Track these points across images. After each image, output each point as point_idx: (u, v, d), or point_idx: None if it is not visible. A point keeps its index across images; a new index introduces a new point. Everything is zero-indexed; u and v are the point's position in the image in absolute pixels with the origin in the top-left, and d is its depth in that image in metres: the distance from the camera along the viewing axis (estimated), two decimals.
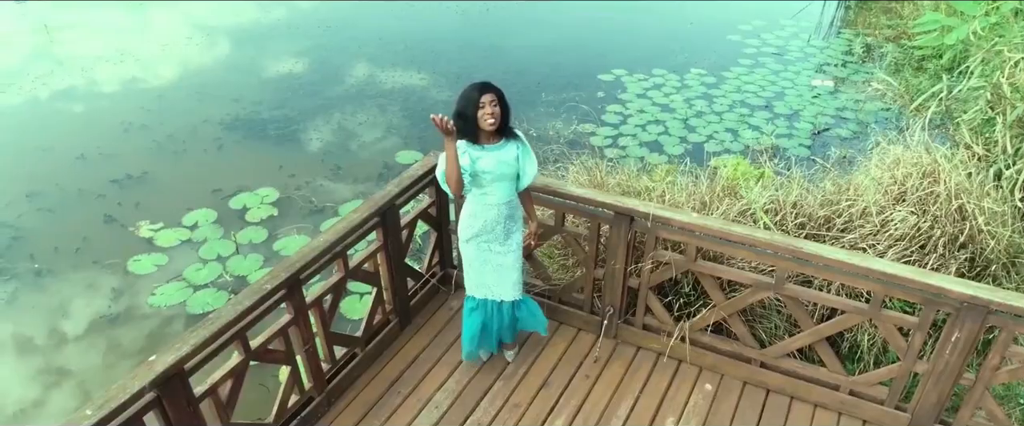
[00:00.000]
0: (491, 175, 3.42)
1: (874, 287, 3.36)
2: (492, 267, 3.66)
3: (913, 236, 4.04)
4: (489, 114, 3.30)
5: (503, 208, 3.51)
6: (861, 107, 8.41)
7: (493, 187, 3.47)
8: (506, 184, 3.48)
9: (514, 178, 3.50)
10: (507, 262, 3.64)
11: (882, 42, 10.34)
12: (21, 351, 5.15)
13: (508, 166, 3.44)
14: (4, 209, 6.54)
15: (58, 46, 10.30)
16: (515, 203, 3.58)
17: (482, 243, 3.60)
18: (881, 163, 4.55)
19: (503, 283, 3.69)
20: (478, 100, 3.29)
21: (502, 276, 3.67)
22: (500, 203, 3.50)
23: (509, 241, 3.60)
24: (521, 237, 3.68)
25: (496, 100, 3.33)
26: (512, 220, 3.58)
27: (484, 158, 3.40)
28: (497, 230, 3.55)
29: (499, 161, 3.41)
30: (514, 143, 3.45)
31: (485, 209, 3.52)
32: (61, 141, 7.70)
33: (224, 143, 7.73)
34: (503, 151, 3.42)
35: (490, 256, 3.63)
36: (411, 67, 9.59)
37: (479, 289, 3.76)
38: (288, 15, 11.81)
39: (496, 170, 3.42)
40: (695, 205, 4.48)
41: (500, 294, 3.73)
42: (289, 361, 3.47)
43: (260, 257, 5.92)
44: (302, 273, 3.35)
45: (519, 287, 3.74)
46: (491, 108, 3.30)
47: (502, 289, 3.72)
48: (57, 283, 5.72)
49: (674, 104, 8.54)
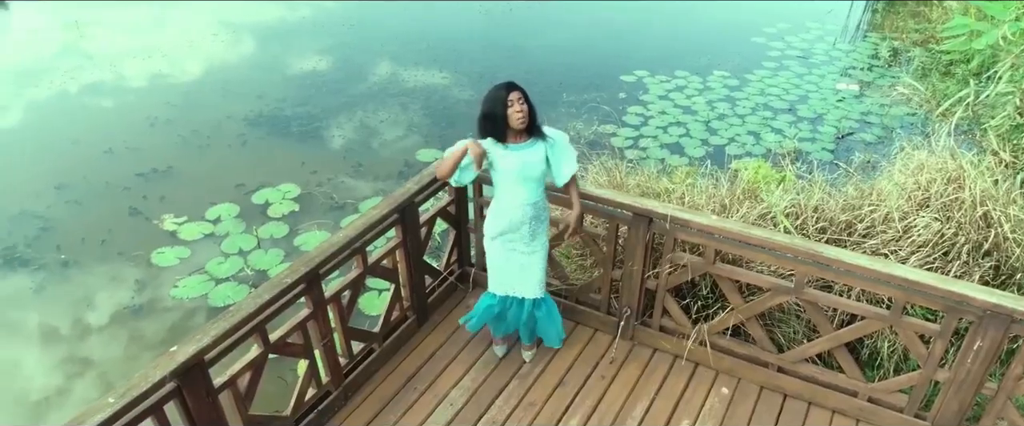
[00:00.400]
0: (515, 175, 3.43)
1: (895, 293, 3.32)
2: (516, 266, 3.67)
3: (936, 243, 3.99)
4: (518, 111, 3.30)
5: (528, 208, 3.51)
6: (886, 112, 8.31)
7: (518, 187, 3.47)
8: (532, 184, 3.48)
9: (540, 179, 3.49)
10: (531, 262, 3.65)
11: (909, 46, 10.19)
12: (46, 340, 5.25)
13: (533, 167, 3.43)
14: (34, 200, 6.67)
15: (88, 41, 10.48)
16: (541, 204, 3.57)
17: (507, 242, 3.61)
18: (905, 168, 4.49)
19: (526, 281, 3.70)
20: (506, 98, 3.30)
21: (525, 275, 3.69)
22: (525, 203, 3.50)
23: (534, 242, 3.61)
24: (547, 237, 3.68)
25: (523, 98, 3.33)
26: (538, 220, 3.57)
27: (508, 158, 3.40)
28: (523, 230, 3.55)
29: (524, 162, 3.41)
30: (542, 143, 3.44)
31: (510, 209, 3.52)
32: (89, 134, 7.85)
33: (248, 139, 7.82)
34: (529, 151, 3.42)
35: (514, 255, 3.64)
36: (433, 66, 9.64)
37: (500, 286, 3.77)
38: (313, 13, 11.92)
39: (520, 171, 3.42)
40: (715, 208, 4.46)
41: (522, 291, 3.75)
42: (307, 355, 3.51)
43: (281, 252, 5.99)
44: (321, 268, 3.39)
45: (542, 286, 3.75)
46: (519, 106, 3.30)
47: (524, 287, 3.73)
48: (82, 274, 5.83)
49: (696, 106, 8.49)
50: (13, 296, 5.63)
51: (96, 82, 9.17)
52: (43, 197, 6.73)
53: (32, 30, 11.04)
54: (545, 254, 3.69)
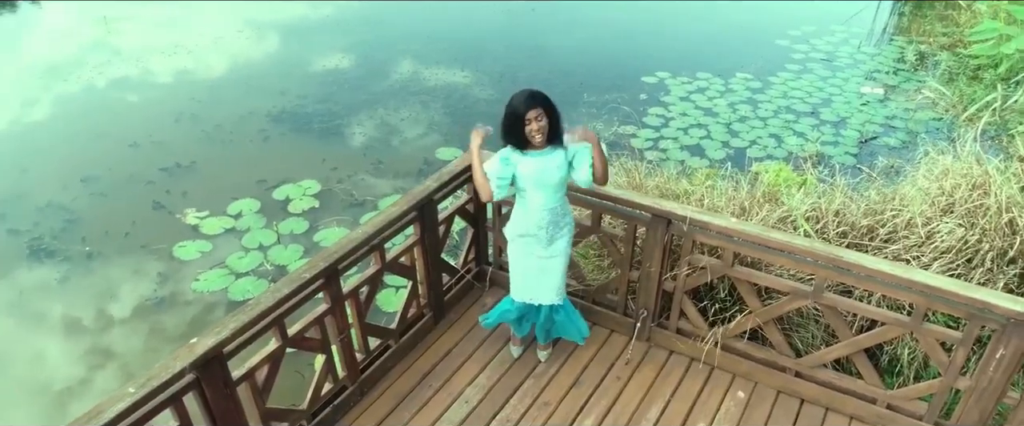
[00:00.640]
0: (532, 181, 3.44)
1: (916, 299, 3.28)
2: (535, 269, 3.67)
3: (960, 249, 3.93)
4: (536, 130, 3.32)
5: (545, 213, 3.51)
6: (911, 116, 8.19)
7: (536, 192, 3.48)
8: (549, 191, 3.47)
9: (559, 185, 3.48)
10: (549, 266, 3.65)
11: (936, 50, 10.04)
12: (69, 331, 5.35)
13: (550, 174, 3.43)
14: (60, 192, 6.79)
15: (116, 37, 10.65)
16: (560, 210, 3.56)
17: (525, 245, 3.63)
18: (929, 173, 4.43)
19: (543, 286, 3.70)
20: (524, 116, 3.30)
21: (544, 279, 3.69)
22: (542, 208, 3.50)
23: (552, 246, 3.60)
24: (568, 244, 3.66)
25: (543, 114, 3.32)
26: (556, 226, 3.56)
27: (526, 164, 3.42)
28: (540, 235, 3.56)
29: (541, 169, 3.42)
30: (562, 150, 3.44)
31: (528, 212, 3.54)
32: (115, 128, 7.98)
33: (270, 135, 7.90)
34: (547, 159, 3.42)
35: (532, 258, 3.65)
36: (455, 65, 9.66)
37: (520, 292, 3.77)
38: (336, 11, 12.00)
39: (536, 177, 3.43)
40: (734, 210, 4.43)
41: (540, 297, 3.74)
42: (324, 350, 3.54)
43: (300, 247, 6.04)
44: (340, 264, 3.42)
45: (561, 293, 3.74)
46: (537, 124, 3.31)
47: (542, 293, 3.72)
48: (106, 266, 5.92)
49: (718, 108, 8.44)
50: (39, 287, 5.73)
51: (123, 77, 9.31)
52: (69, 189, 6.85)
53: (62, 25, 11.24)
54: (565, 261, 3.68)
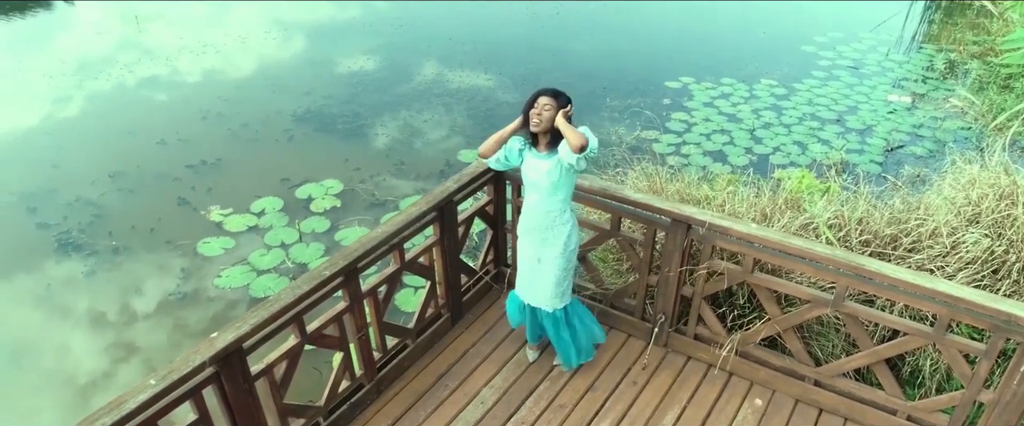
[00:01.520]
0: (527, 179, 3.54)
1: (940, 310, 3.23)
2: (529, 270, 3.72)
3: (986, 260, 3.86)
4: (536, 114, 3.36)
5: (539, 215, 3.55)
6: (939, 125, 8.07)
7: (531, 192, 3.56)
8: (542, 192, 3.50)
9: (552, 190, 3.48)
10: (540, 271, 3.67)
11: (966, 58, 9.89)
12: (95, 325, 5.44)
13: (540, 176, 3.46)
14: (89, 188, 6.93)
15: (146, 36, 10.84)
16: (556, 215, 3.54)
17: (524, 244, 3.71)
18: (956, 183, 4.36)
19: (535, 289, 3.73)
20: (534, 100, 3.39)
21: (534, 282, 3.72)
22: (536, 208, 3.56)
23: (545, 250, 3.62)
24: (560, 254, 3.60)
25: (552, 105, 3.34)
26: (549, 229, 3.56)
27: (528, 162, 3.52)
28: (534, 237, 3.62)
29: (534, 169, 3.48)
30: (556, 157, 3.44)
31: (526, 211, 3.63)
32: (144, 126, 8.11)
33: (294, 134, 7.99)
34: (543, 161, 3.45)
35: (528, 260, 3.71)
36: (478, 68, 9.70)
37: (520, 288, 3.84)
38: (362, 14, 12.12)
39: (533, 176, 3.49)
40: (755, 216, 4.39)
41: (531, 299, 3.78)
42: (342, 347, 3.57)
43: (321, 246, 6.10)
44: (359, 262, 3.45)
45: (553, 302, 3.71)
46: (541, 109, 3.35)
47: (534, 295, 3.75)
48: (131, 261, 6.03)
49: (741, 114, 8.38)
50: (66, 280, 5.85)
51: (153, 76, 9.47)
52: (98, 185, 6.98)
53: (95, 24, 11.47)
54: (557, 272, 3.63)
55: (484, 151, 3.59)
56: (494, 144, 3.55)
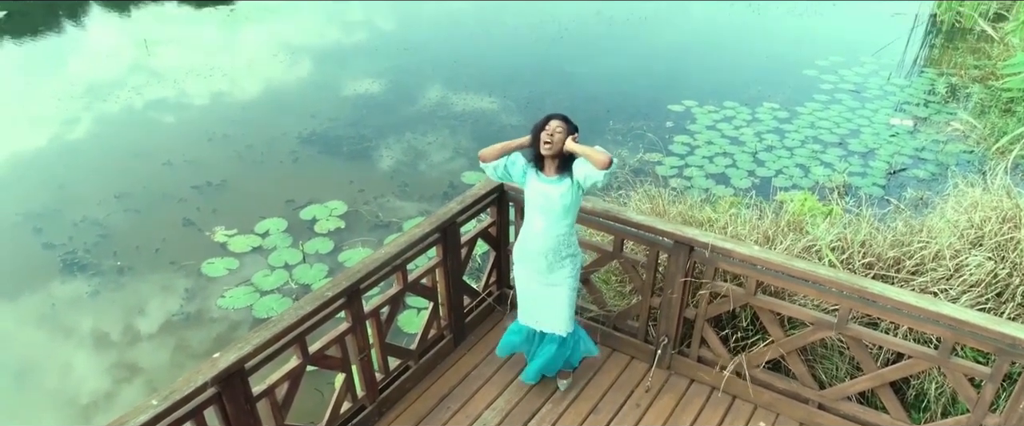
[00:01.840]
0: (535, 204, 3.47)
1: (944, 333, 3.22)
2: (534, 295, 3.68)
3: (989, 283, 3.85)
4: (548, 136, 3.35)
5: (545, 239, 3.50)
6: (941, 148, 8.08)
7: (537, 216, 3.49)
8: (551, 217, 3.46)
9: (561, 214, 3.45)
10: (550, 295, 3.64)
11: (968, 82, 9.93)
12: (98, 345, 5.45)
13: (552, 201, 3.42)
14: (95, 208, 6.97)
15: (155, 59, 10.96)
16: (564, 240, 3.52)
17: (526, 269, 3.65)
18: (958, 205, 4.36)
19: (545, 314, 3.71)
20: (544, 123, 3.37)
21: (546, 307, 3.68)
22: (542, 233, 3.49)
23: (553, 275, 3.58)
24: (570, 274, 3.60)
25: (563, 128, 3.35)
26: (556, 254, 3.53)
27: (534, 185, 3.46)
28: (539, 261, 3.55)
29: (545, 194, 3.43)
30: (569, 180, 3.41)
31: (529, 236, 3.56)
32: (151, 147, 8.18)
33: (299, 156, 8.04)
34: (553, 185, 3.42)
35: (533, 285, 3.66)
36: (483, 91, 9.78)
37: (524, 315, 3.80)
38: (369, 37, 12.26)
39: (541, 202, 3.44)
40: (758, 239, 4.40)
41: (545, 325, 3.75)
42: (344, 368, 3.56)
43: (325, 267, 6.11)
44: (362, 283, 3.46)
45: (565, 323, 3.69)
46: (552, 132, 3.35)
47: (548, 321, 3.72)
48: (136, 281, 6.04)
49: (744, 137, 8.41)
50: (70, 300, 5.86)
51: (160, 98, 9.57)
52: (104, 205, 7.03)
53: (105, 47, 11.61)
54: (569, 293, 3.63)
55: (485, 154, 3.48)
56: (497, 151, 3.46)
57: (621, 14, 13.10)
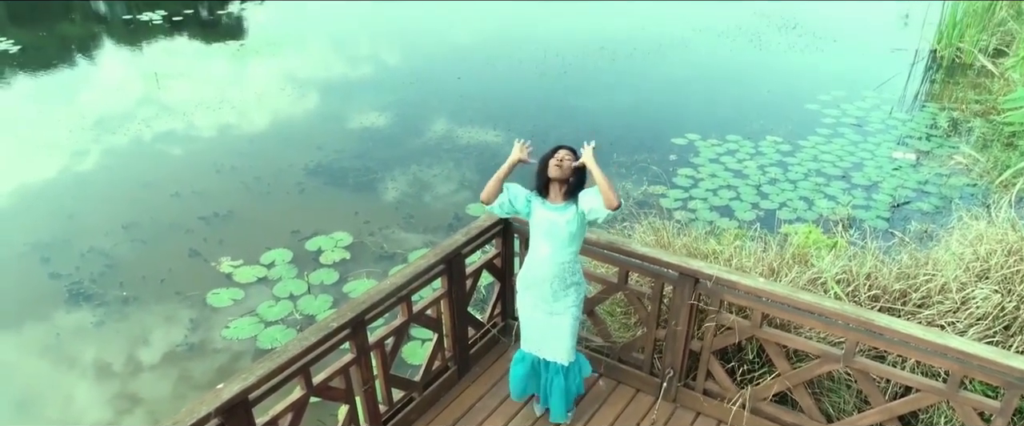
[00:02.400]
0: (541, 231, 3.47)
1: (952, 366, 3.20)
2: (539, 323, 3.66)
3: (996, 316, 3.84)
4: (557, 163, 3.39)
5: (551, 266, 3.49)
6: (945, 181, 8.10)
7: (543, 243, 3.49)
8: (557, 244, 3.46)
9: (568, 241, 3.46)
10: (556, 324, 3.62)
11: (969, 117, 9.99)
12: (100, 375, 5.43)
13: (559, 228, 3.43)
14: (102, 238, 7.01)
15: (165, 92, 11.10)
16: (568, 266, 3.52)
17: (530, 297, 3.63)
18: (963, 238, 4.37)
19: (550, 343, 3.68)
20: (554, 152, 3.44)
21: (548, 336, 3.67)
22: (548, 260, 3.49)
23: (557, 303, 3.57)
24: (574, 303, 3.60)
25: (572, 157, 3.41)
26: (562, 281, 3.52)
27: (540, 212, 3.47)
28: (544, 287, 3.54)
29: (551, 221, 3.44)
30: (575, 208, 3.43)
31: (534, 263, 3.55)
32: (159, 179, 8.25)
33: (306, 188, 8.09)
34: (560, 212, 3.43)
35: (537, 313, 3.64)
36: (487, 124, 9.86)
37: (528, 343, 3.78)
38: (375, 71, 12.43)
39: (547, 228, 3.45)
40: (763, 271, 4.40)
41: (547, 353, 3.73)
42: (348, 400, 3.55)
43: (330, 298, 6.11)
44: (367, 314, 3.46)
45: (568, 353, 3.67)
46: (562, 159, 3.39)
47: (549, 349, 3.70)
48: (141, 311, 6.05)
49: (747, 170, 8.45)
50: (75, 330, 5.87)
51: (169, 130, 9.67)
52: (111, 236, 7.06)
53: (115, 81, 11.77)
54: (573, 322, 3.62)
55: (486, 197, 3.51)
56: (494, 185, 3.48)
57: (624, 49, 13.27)
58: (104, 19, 16.40)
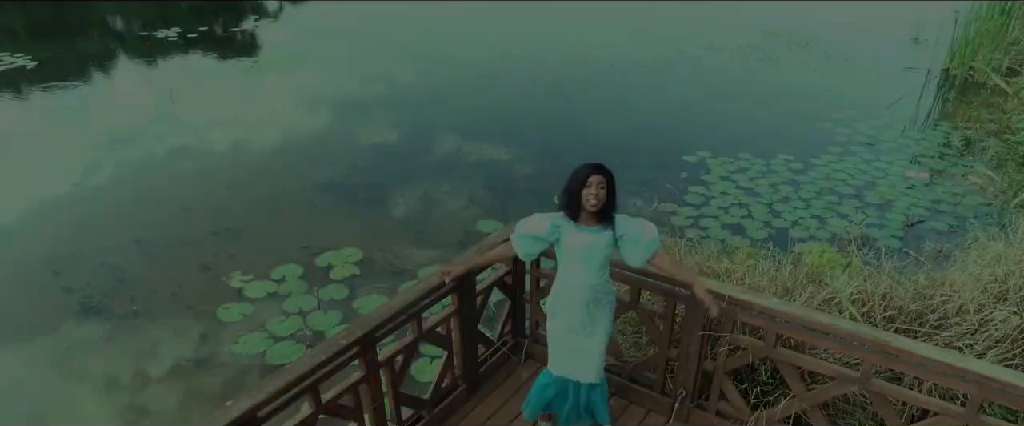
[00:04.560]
0: (577, 255, 3.39)
1: (971, 389, 3.14)
2: (570, 348, 3.60)
3: (1016, 338, 3.78)
4: (593, 195, 3.27)
5: (586, 290, 3.44)
6: (959, 201, 8.03)
7: (578, 267, 3.42)
8: (592, 267, 3.40)
9: (603, 264, 3.43)
10: (588, 345, 3.56)
11: (983, 136, 9.92)
12: (108, 389, 5.43)
13: (595, 251, 3.37)
14: (114, 253, 7.03)
15: (179, 108, 11.20)
16: (602, 288, 3.47)
17: (564, 321, 3.55)
18: (980, 259, 4.32)
19: (581, 365, 3.62)
20: (586, 179, 3.29)
21: (580, 358, 3.61)
22: (584, 284, 3.43)
23: (593, 325, 3.52)
24: (608, 322, 3.56)
25: (604, 183, 3.30)
26: (597, 304, 3.48)
27: (575, 236, 3.37)
28: (581, 313, 3.48)
29: (587, 244, 3.36)
30: (610, 230, 3.38)
31: (569, 288, 3.49)
32: (171, 194, 8.29)
33: (317, 204, 8.11)
34: (596, 235, 3.36)
35: (570, 336, 3.57)
36: (499, 142, 9.87)
37: (557, 366, 3.69)
38: (387, 88, 12.50)
39: (582, 252, 3.38)
40: (777, 290, 4.35)
41: (578, 375, 3.67)
42: (357, 418, 3.52)
43: (339, 314, 6.09)
44: (377, 331, 3.44)
45: (599, 372, 3.64)
46: (597, 189, 3.27)
47: (582, 370, 3.64)
48: (151, 325, 6.05)
49: (759, 188, 8.40)
50: (84, 343, 5.87)
51: (183, 145, 9.74)
52: (123, 251, 7.09)
53: (130, 97, 11.89)
54: (605, 339, 3.58)
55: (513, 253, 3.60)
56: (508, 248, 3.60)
57: (634, 67, 13.30)
58: (121, 36, 16.62)
